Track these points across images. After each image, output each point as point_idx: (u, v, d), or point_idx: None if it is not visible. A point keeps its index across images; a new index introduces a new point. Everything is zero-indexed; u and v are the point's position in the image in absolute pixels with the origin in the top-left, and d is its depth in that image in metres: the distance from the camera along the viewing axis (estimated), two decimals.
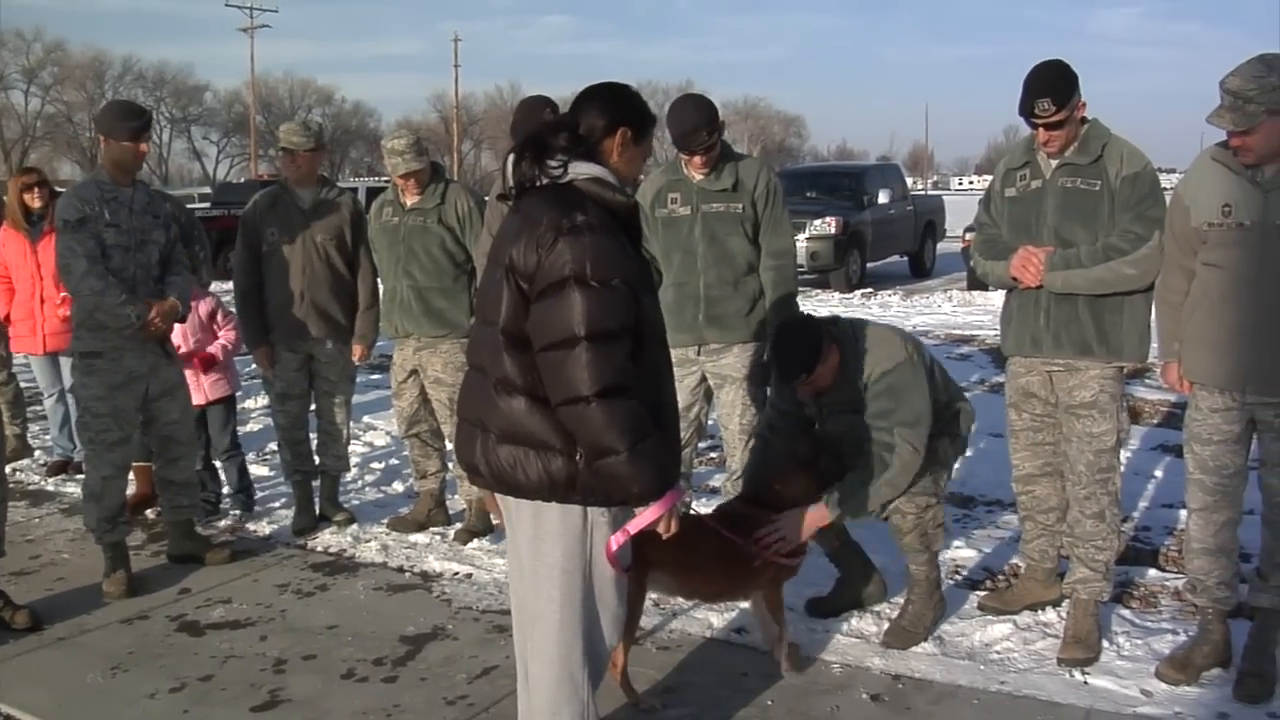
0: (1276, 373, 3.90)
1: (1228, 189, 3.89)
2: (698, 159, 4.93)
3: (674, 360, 5.01)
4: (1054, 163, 4.34)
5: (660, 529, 3.01)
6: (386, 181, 5.99)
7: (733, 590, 4.35)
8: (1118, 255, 4.20)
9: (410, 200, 5.82)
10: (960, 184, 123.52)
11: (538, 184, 3.03)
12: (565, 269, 2.83)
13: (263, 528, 6.20)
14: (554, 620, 3.11)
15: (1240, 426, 4.03)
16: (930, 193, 36.51)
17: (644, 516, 2.97)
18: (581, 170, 2.99)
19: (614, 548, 3.06)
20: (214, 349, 6.35)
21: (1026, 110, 4.24)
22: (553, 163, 3.00)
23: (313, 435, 6.33)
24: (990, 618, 4.65)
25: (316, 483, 6.30)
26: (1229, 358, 3.98)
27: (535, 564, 3.11)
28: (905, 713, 3.98)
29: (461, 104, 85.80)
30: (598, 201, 2.95)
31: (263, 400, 8.45)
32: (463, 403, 3.19)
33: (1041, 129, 4.26)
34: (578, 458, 2.92)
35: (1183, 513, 4.42)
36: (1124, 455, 4.46)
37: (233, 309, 6.37)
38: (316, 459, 6.31)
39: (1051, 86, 4.21)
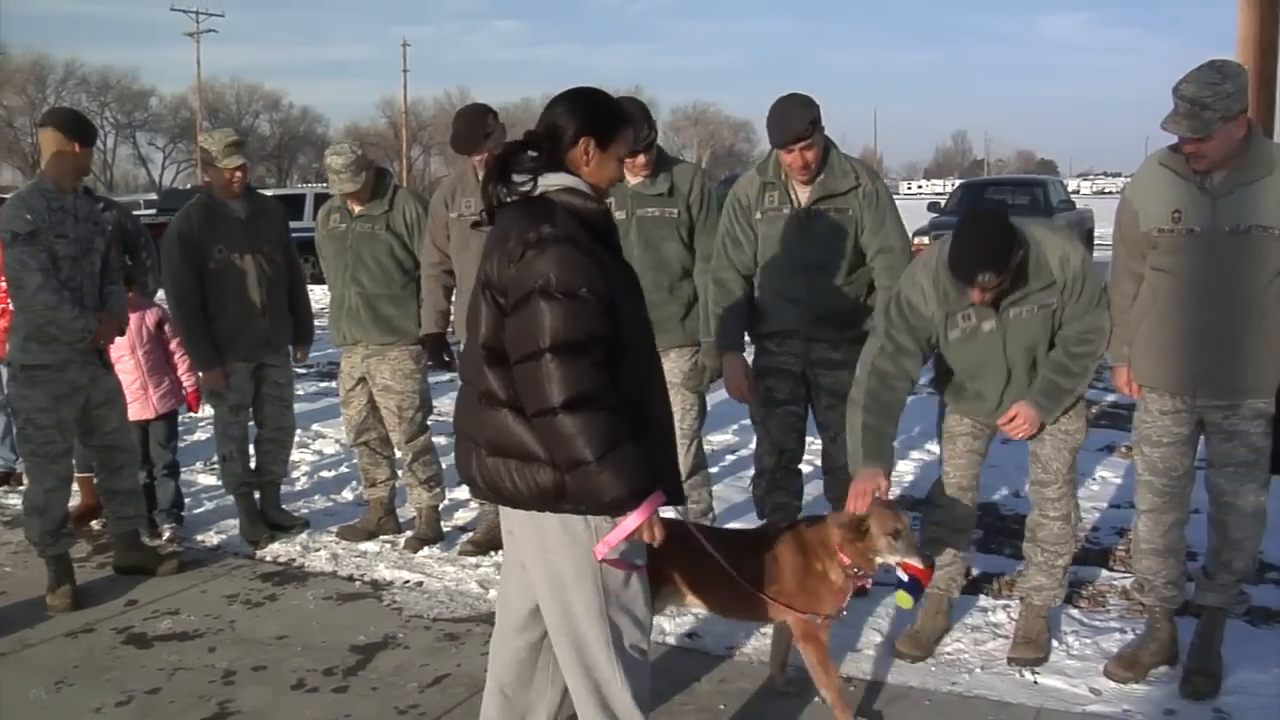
0: (1225, 376, 3.96)
1: (1177, 195, 3.91)
2: (641, 159, 4.92)
3: None
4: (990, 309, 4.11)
5: (645, 537, 2.97)
6: None
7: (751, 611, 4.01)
8: (1086, 360, 4.13)
9: (358, 207, 5.79)
10: (909, 188, 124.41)
11: (507, 200, 3.01)
12: (532, 282, 2.82)
13: (210, 538, 6.13)
14: (582, 630, 3.06)
15: (1189, 429, 4.09)
16: None
17: (623, 526, 2.92)
18: (552, 181, 2.97)
19: (598, 557, 3.00)
20: (188, 381, 6.29)
21: (968, 280, 3.93)
22: (519, 178, 2.98)
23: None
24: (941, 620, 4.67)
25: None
26: (1179, 362, 4.03)
27: (548, 579, 3.07)
28: (857, 715, 4.00)
29: (410, 109, 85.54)
30: (569, 211, 2.93)
31: (208, 410, 8.32)
32: (457, 418, 3.18)
33: (982, 292, 3.97)
34: (562, 470, 2.90)
35: (1130, 513, 4.46)
36: None
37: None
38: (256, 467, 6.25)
39: (996, 257, 3.89)
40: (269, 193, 6.41)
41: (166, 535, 6.12)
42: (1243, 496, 4.06)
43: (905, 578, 3.84)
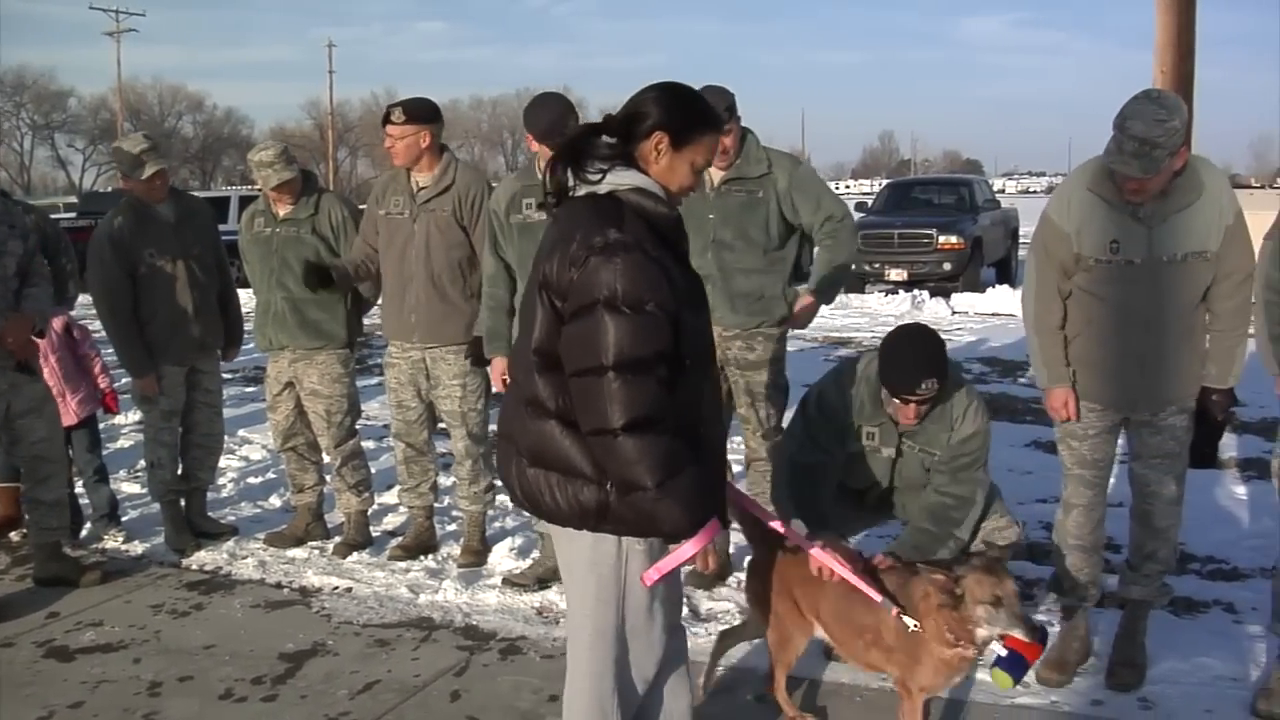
0: (1157, 391, 4.05)
1: (1112, 225, 3.91)
2: None
3: None
4: (901, 432, 4.15)
5: (698, 566, 2.93)
6: (259, 190, 5.85)
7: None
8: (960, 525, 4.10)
9: (283, 210, 5.73)
10: (837, 188, 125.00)
11: (575, 192, 2.84)
12: (596, 292, 2.63)
13: (135, 547, 6.02)
14: (584, 647, 2.98)
15: (1113, 421, 4.18)
16: None
17: (678, 554, 2.83)
18: (623, 180, 2.78)
19: (648, 584, 2.90)
20: (103, 383, 6.18)
21: (909, 388, 3.91)
22: (591, 170, 2.80)
23: None
24: None
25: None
26: (1115, 383, 4.11)
27: (569, 588, 3.01)
28: (725, 695, 4.03)
29: (337, 111, 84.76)
30: (638, 213, 2.75)
31: (134, 416, 8.22)
32: (502, 417, 3.03)
33: (913, 405, 3.98)
34: (609, 486, 2.73)
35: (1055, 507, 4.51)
36: (997, 452, 4.54)
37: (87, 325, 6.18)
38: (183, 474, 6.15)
39: (938, 364, 3.94)
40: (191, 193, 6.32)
41: (117, 541, 6.04)
42: (1166, 486, 4.14)
43: (1004, 652, 3.43)
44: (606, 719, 3.01)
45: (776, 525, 3.53)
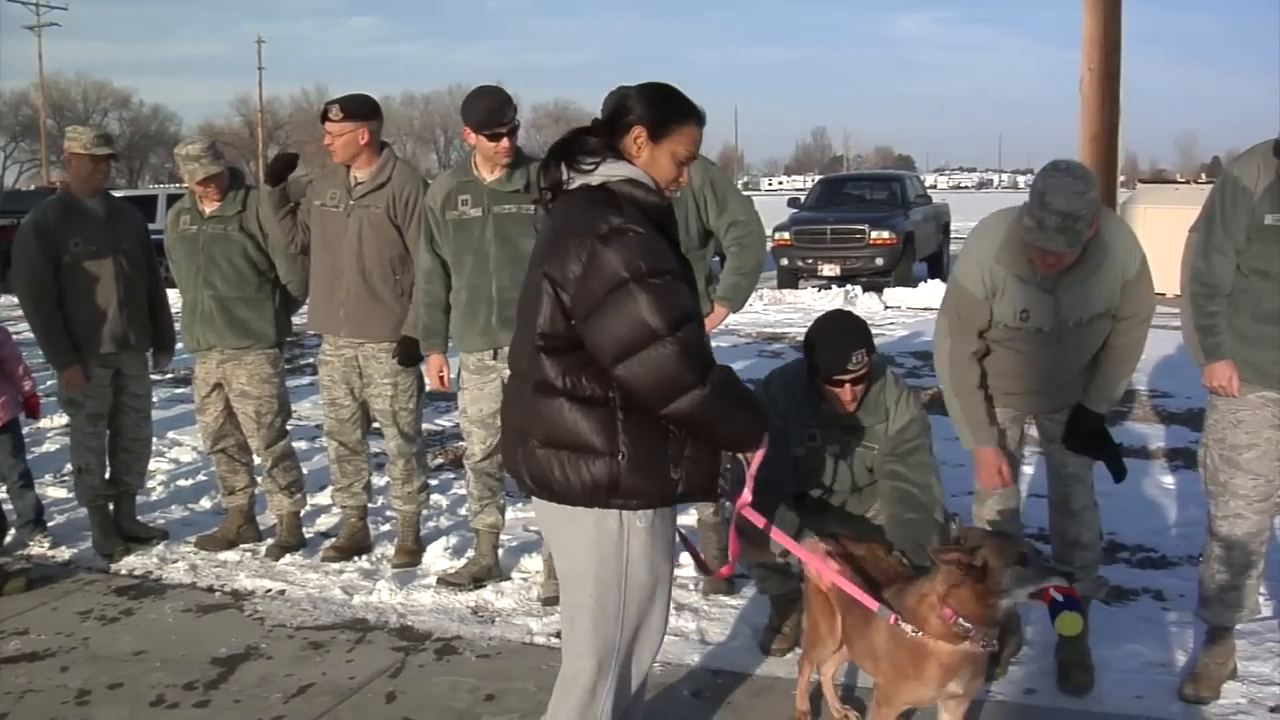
0: (1066, 399, 4.19)
1: (1023, 296, 3.95)
2: (504, 143, 4.86)
3: (473, 367, 5.00)
4: (841, 427, 4.21)
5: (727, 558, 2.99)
6: (187, 188, 5.77)
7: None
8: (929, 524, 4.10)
9: (209, 208, 5.65)
10: (770, 184, 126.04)
11: (568, 186, 2.93)
12: (621, 272, 2.72)
13: (62, 553, 5.90)
14: (585, 627, 2.97)
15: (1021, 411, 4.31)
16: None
17: (755, 460, 2.97)
18: (614, 171, 2.88)
19: (740, 505, 3.06)
20: (27, 386, 6.05)
21: (841, 364, 3.96)
22: (584, 162, 2.90)
23: None
24: None
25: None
26: (1024, 400, 4.28)
27: (567, 569, 3.00)
28: (727, 707, 4.04)
29: (266, 108, 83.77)
30: (631, 202, 2.85)
31: (60, 420, 8.07)
32: (505, 409, 3.09)
33: (848, 385, 4.03)
34: (620, 458, 2.82)
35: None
36: None
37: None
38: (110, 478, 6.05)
39: (863, 336, 4.02)
40: (118, 194, 6.21)
41: (43, 547, 5.92)
42: (1081, 467, 4.22)
43: (1060, 599, 3.21)
44: (597, 700, 2.99)
45: (775, 533, 3.37)
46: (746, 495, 3.02)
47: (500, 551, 5.41)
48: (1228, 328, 3.98)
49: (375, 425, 5.65)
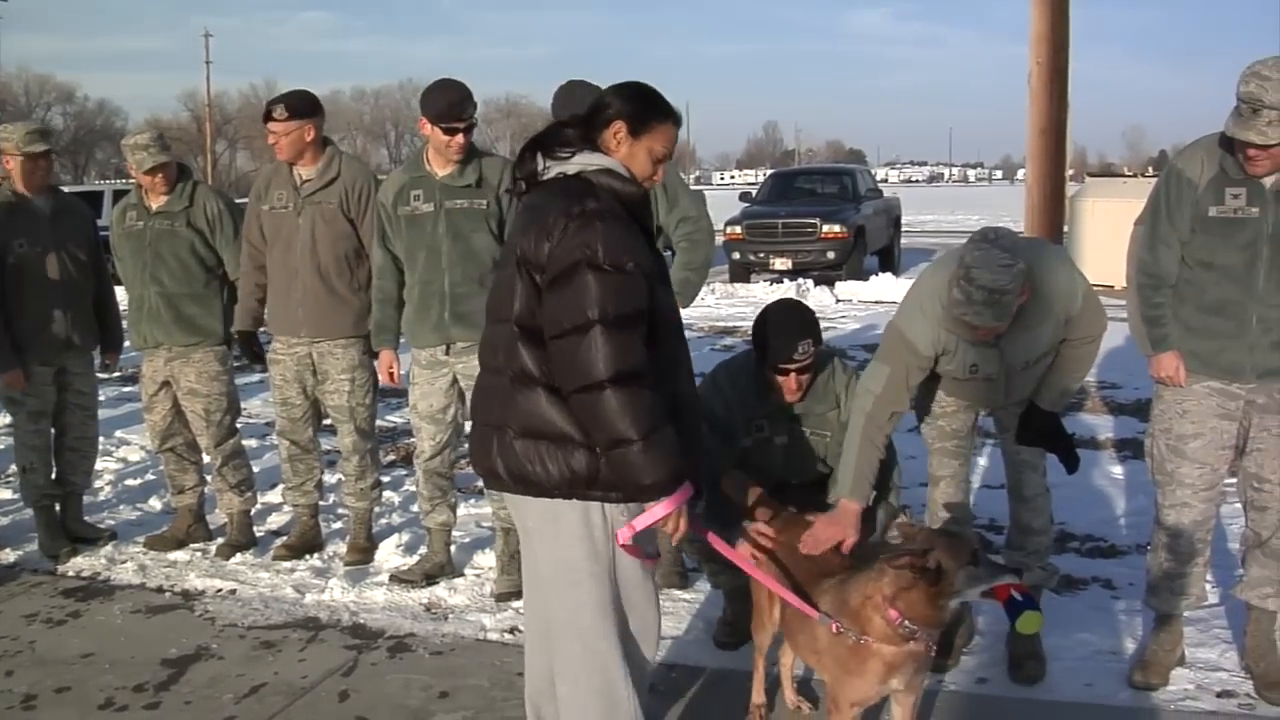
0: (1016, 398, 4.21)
1: (972, 354, 3.96)
2: (459, 138, 4.83)
3: (424, 362, 4.97)
4: (790, 416, 4.25)
5: (669, 528, 2.90)
6: (134, 182, 5.69)
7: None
8: None
9: (156, 203, 5.58)
10: (721, 178, 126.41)
11: (544, 176, 2.95)
12: (578, 253, 2.74)
13: (7, 555, 5.81)
14: (587, 627, 2.95)
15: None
16: (693, 188, 37.19)
17: (653, 511, 2.85)
18: (591, 161, 2.91)
19: (621, 541, 2.91)
20: None
21: (786, 356, 4.02)
22: (561, 152, 2.93)
23: None
24: None
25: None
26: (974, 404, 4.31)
27: (558, 570, 2.96)
28: (681, 701, 4.04)
29: (214, 103, 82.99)
30: (608, 191, 2.88)
31: (4, 419, 7.95)
32: (477, 405, 3.06)
33: (794, 374, 4.09)
34: (598, 450, 2.81)
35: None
36: None
37: None
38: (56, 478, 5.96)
39: (810, 326, 4.08)
40: (64, 189, 6.11)
41: None
42: (1034, 454, 4.24)
43: (1019, 597, 3.16)
44: (619, 700, 2.97)
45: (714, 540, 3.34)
46: (625, 531, 2.90)
47: (453, 548, 5.40)
48: (1173, 318, 4.03)
49: (327, 422, 5.61)
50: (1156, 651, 4.15)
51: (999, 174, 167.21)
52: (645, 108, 2.99)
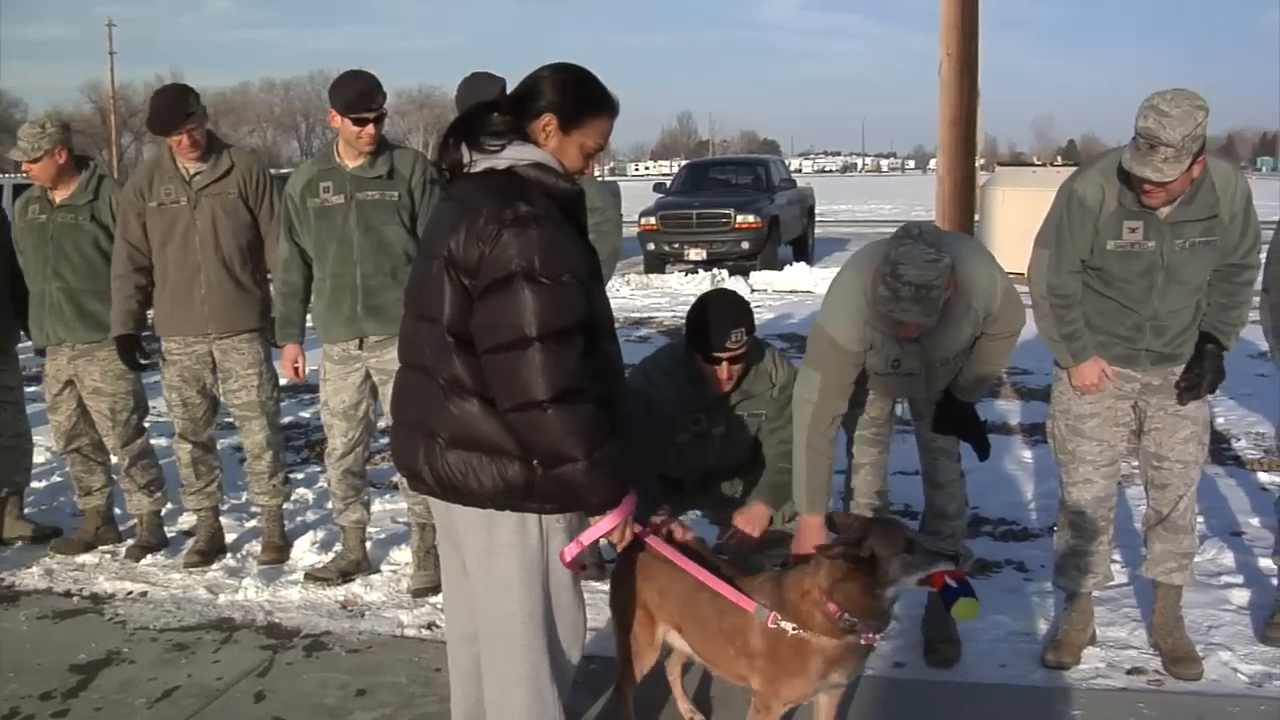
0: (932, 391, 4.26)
1: (894, 349, 4.01)
2: (369, 129, 4.78)
3: (336, 357, 4.92)
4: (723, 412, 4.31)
5: (614, 538, 2.84)
6: (28, 178, 5.55)
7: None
8: None
9: (59, 196, 5.45)
10: (636, 170, 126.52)
11: (471, 168, 2.82)
12: (512, 264, 2.62)
13: None
14: (517, 636, 2.89)
15: None
16: (608, 179, 37.20)
17: (599, 526, 2.81)
18: (523, 154, 2.78)
19: (568, 559, 2.88)
20: None
21: (719, 345, 4.07)
22: (488, 144, 2.79)
23: None
24: None
25: None
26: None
27: (489, 578, 2.89)
28: (600, 693, 4.03)
29: (119, 94, 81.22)
30: (541, 189, 2.75)
31: None
32: (400, 405, 2.95)
33: (726, 363, 4.12)
34: (535, 463, 2.73)
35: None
36: None
37: None
38: None
39: (742, 315, 4.13)
40: None
41: None
42: (949, 441, 4.31)
43: (954, 584, 3.13)
44: (546, 707, 2.95)
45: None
46: (566, 554, 2.90)
47: (368, 544, 5.35)
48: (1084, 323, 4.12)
49: (229, 420, 5.52)
50: (1068, 631, 4.24)
51: (911, 164, 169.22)
52: (579, 101, 2.85)
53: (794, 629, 3.11)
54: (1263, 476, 6.41)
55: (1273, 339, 4.37)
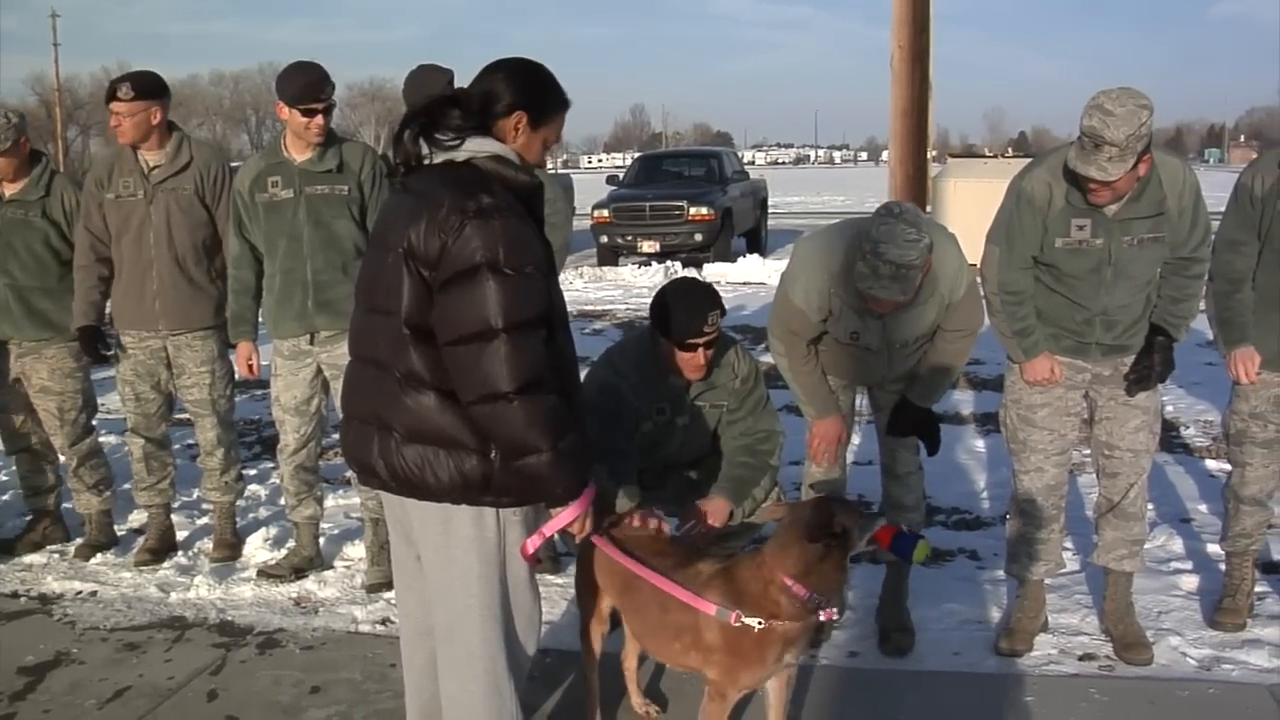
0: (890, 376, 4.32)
1: (854, 320, 4.07)
2: (319, 120, 4.74)
3: (286, 353, 4.88)
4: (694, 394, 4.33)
5: (574, 529, 2.83)
6: None
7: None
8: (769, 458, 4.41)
9: (9, 191, 5.35)
10: (589, 162, 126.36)
11: (427, 161, 2.81)
12: (476, 255, 2.62)
13: None
14: (474, 630, 2.88)
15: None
16: (561, 171, 37.14)
17: (561, 517, 2.80)
18: (482, 147, 2.78)
19: (530, 551, 2.88)
20: None
21: (698, 329, 4.04)
22: (445, 136, 2.78)
23: None
24: None
25: None
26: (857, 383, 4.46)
27: (447, 573, 2.87)
28: (555, 685, 4.04)
29: (65, 87, 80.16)
30: (500, 181, 2.75)
31: None
32: (353, 398, 2.92)
33: (701, 349, 4.10)
34: (493, 456, 2.73)
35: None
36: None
37: None
38: None
39: (713, 298, 4.11)
40: None
41: None
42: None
43: (903, 532, 3.44)
44: (504, 700, 2.94)
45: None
46: (528, 546, 2.90)
47: (321, 540, 5.31)
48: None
49: (184, 416, 5.46)
50: (1021, 619, 4.28)
51: (864, 155, 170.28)
52: (547, 98, 2.89)
53: (760, 623, 3.09)
54: (1211, 464, 6.49)
55: (1217, 327, 4.42)
